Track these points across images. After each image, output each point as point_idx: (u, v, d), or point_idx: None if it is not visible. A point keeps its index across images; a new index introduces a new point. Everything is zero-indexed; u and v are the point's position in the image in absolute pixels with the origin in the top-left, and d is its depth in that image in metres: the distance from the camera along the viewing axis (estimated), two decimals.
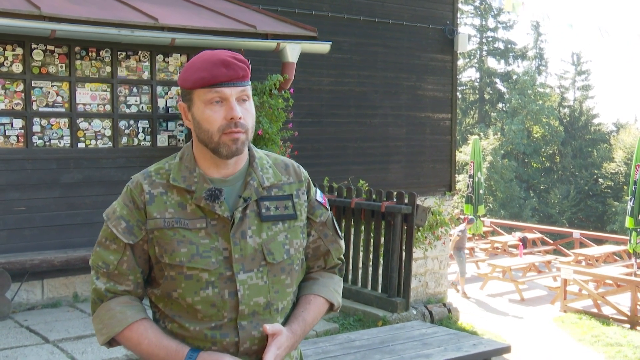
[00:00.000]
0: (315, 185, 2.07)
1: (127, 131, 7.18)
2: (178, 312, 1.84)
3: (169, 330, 1.85)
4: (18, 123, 6.60)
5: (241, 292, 1.81)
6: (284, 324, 1.88)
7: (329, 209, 2.07)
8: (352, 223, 7.56)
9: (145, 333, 1.80)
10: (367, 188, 7.77)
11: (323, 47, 7.80)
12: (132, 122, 7.20)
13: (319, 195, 2.04)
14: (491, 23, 41.72)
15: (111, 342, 1.85)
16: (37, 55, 6.67)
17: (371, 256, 7.48)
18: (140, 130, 7.26)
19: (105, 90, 7.05)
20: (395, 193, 7.26)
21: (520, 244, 16.03)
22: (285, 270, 1.88)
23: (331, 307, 2.03)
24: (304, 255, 1.99)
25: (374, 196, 7.40)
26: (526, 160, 39.59)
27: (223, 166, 1.87)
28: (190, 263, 1.80)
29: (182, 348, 1.78)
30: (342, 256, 2.10)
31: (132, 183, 1.90)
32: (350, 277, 7.49)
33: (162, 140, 7.38)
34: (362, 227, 7.53)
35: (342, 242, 2.10)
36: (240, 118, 1.80)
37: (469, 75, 42.75)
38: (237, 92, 1.81)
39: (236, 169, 1.89)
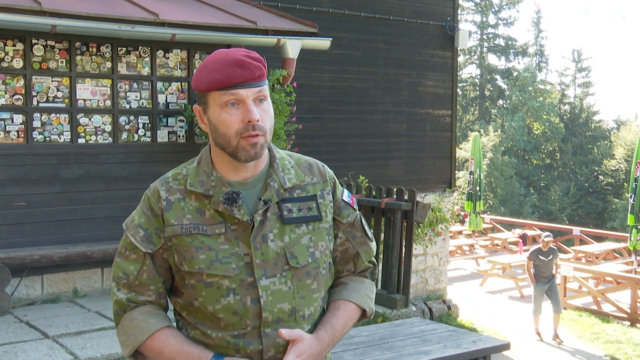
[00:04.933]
0: (342, 185, 1.99)
1: (127, 127, 7.18)
2: (201, 320, 1.77)
3: (192, 337, 1.79)
4: (18, 118, 6.60)
5: (264, 298, 1.73)
6: (311, 331, 1.78)
7: (357, 209, 1.97)
8: None
9: (167, 340, 1.74)
10: (367, 184, 7.77)
11: (323, 43, 7.79)
12: (132, 117, 7.20)
13: (345, 195, 1.95)
14: (492, 19, 41.67)
15: (135, 355, 1.78)
16: (38, 50, 6.66)
17: None
18: (141, 126, 7.25)
19: (106, 86, 7.04)
20: (395, 189, 7.26)
21: (520, 240, 16.04)
22: (311, 275, 1.79)
23: (364, 313, 1.91)
24: (331, 259, 1.88)
25: (374, 192, 7.40)
26: (526, 157, 39.58)
27: (242, 169, 1.78)
28: (210, 270, 1.72)
29: (204, 354, 1.71)
30: (373, 259, 1.97)
31: (149, 191, 1.83)
32: None
33: (162, 136, 7.38)
34: None
35: (373, 244, 1.98)
36: (258, 120, 1.72)
37: (469, 71, 42.71)
38: (254, 93, 1.73)
39: (256, 171, 1.81)
